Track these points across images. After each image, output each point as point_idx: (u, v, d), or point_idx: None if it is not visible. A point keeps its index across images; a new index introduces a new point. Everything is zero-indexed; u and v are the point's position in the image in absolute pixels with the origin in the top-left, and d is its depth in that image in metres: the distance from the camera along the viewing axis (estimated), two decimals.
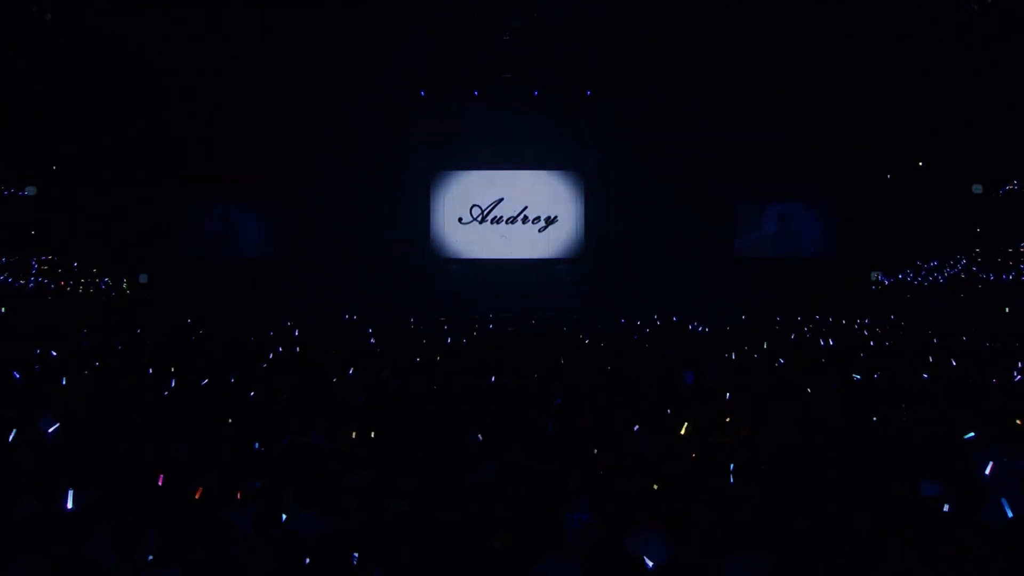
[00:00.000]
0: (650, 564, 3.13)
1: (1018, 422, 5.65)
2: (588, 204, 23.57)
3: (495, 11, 19.06)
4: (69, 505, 4.07)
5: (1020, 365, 9.01)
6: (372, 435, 5.58)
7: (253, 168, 21.88)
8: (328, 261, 22.13)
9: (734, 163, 21.71)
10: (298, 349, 11.69)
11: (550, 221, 23.66)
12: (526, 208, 23.63)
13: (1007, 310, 16.92)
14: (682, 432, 5.61)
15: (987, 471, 4.52)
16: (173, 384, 8.03)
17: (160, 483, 4.41)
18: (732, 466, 4.49)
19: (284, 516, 3.92)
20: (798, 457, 4.73)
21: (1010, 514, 3.75)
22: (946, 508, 3.88)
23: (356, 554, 3.35)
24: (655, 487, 4.21)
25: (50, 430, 5.83)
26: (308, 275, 21.84)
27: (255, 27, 18.88)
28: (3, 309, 17.84)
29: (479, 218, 23.66)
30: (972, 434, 5.26)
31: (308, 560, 3.29)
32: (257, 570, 3.30)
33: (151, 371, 9.23)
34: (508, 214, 23.68)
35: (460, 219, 23.69)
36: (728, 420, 5.92)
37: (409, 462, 4.72)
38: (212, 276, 22.30)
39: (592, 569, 3.04)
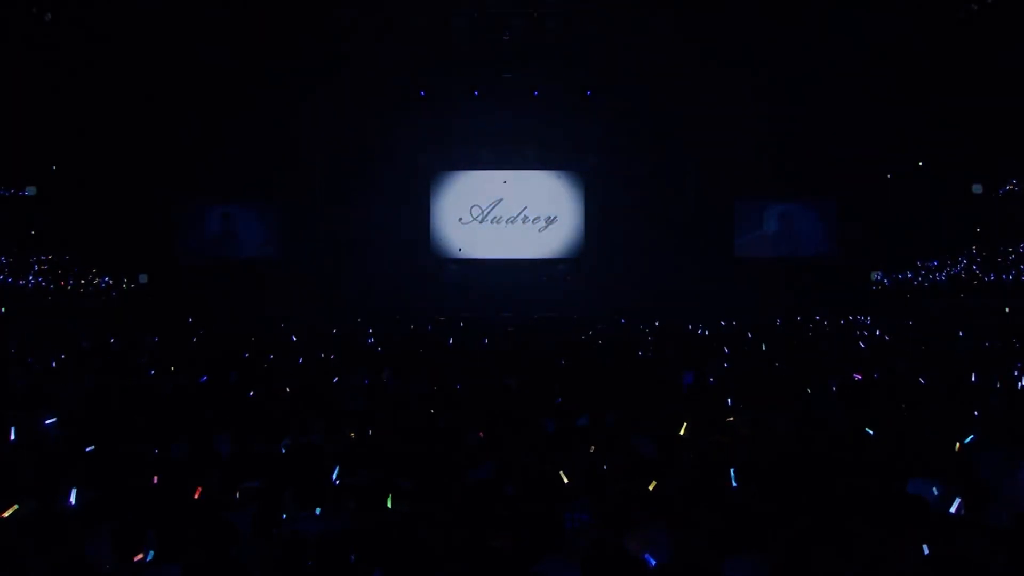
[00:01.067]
0: (651, 564, 3.13)
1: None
2: (588, 204, 23.57)
3: (495, 11, 19.06)
4: (72, 502, 4.07)
5: (1020, 365, 9.00)
6: (372, 435, 5.58)
7: (253, 168, 21.88)
8: (328, 261, 22.15)
9: (734, 163, 21.73)
10: (298, 349, 11.68)
11: (550, 221, 23.67)
12: (526, 208, 23.64)
13: (1007, 310, 16.92)
14: (681, 432, 5.61)
15: (988, 472, 4.51)
16: (173, 384, 8.02)
17: (155, 482, 4.41)
18: (732, 466, 4.48)
19: (284, 516, 3.92)
20: (798, 457, 4.73)
21: None
22: (947, 509, 3.88)
23: (356, 554, 3.35)
24: (655, 487, 4.21)
25: (48, 422, 5.84)
26: (308, 275, 21.85)
27: (255, 27, 18.88)
28: (3, 309, 17.85)
29: (479, 218, 23.66)
30: (972, 436, 5.25)
31: (308, 560, 3.29)
32: (257, 570, 3.30)
33: (151, 371, 9.24)
34: (508, 214, 23.68)
35: (460, 219, 23.69)
36: (728, 420, 5.91)
37: (409, 462, 4.71)
38: (212, 276, 22.30)
39: (592, 569, 3.04)
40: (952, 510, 3.85)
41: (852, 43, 19.07)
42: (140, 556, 3.45)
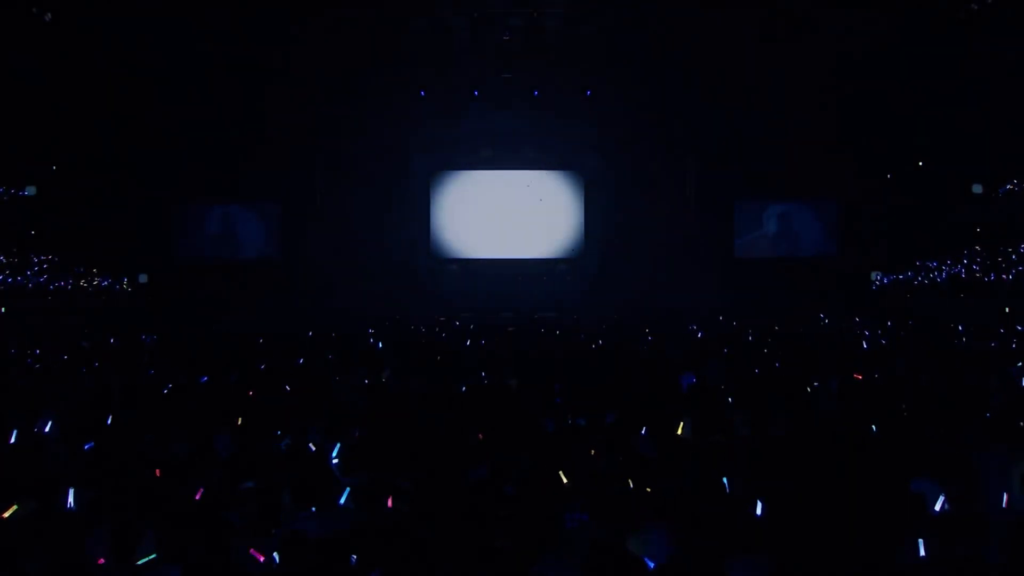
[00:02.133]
0: (651, 564, 3.13)
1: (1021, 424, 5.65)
2: (588, 204, 23.57)
3: (495, 11, 19.05)
4: (70, 503, 4.07)
5: (1020, 365, 9.00)
6: (372, 435, 5.57)
7: (253, 168, 21.89)
8: (328, 261, 22.16)
9: (734, 163, 21.73)
10: (298, 349, 11.67)
11: (549, 221, 23.66)
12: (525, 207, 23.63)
13: (1007, 310, 16.90)
14: (679, 432, 5.60)
15: (987, 472, 4.51)
16: (173, 384, 8.02)
17: (155, 481, 4.41)
18: (732, 467, 4.48)
19: (284, 516, 3.92)
20: (798, 458, 4.73)
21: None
22: (947, 508, 3.89)
23: (356, 554, 3.35)
24: (655, 487, 4.21)
25: (47, 423, 5.85)
26: (308, 275, 21.86)
27: (256, 28, 18.88)
28: (3, 309, 17.84)
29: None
30: (972, 435, 5.25)
31: (308, 560, 3.29)
32: (257, 570, 3.30)
33: (151, 371, 9.23)
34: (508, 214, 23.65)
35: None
36: (728, 420, 5.90)
37: (409, 462, 4.71)
38: (212, 276, 22.30)
39: (592, 569, 3.04)
40: (937, 508, 3.85)
41: (852, 43, 19.06)
42: (151, 556, 3.45)
